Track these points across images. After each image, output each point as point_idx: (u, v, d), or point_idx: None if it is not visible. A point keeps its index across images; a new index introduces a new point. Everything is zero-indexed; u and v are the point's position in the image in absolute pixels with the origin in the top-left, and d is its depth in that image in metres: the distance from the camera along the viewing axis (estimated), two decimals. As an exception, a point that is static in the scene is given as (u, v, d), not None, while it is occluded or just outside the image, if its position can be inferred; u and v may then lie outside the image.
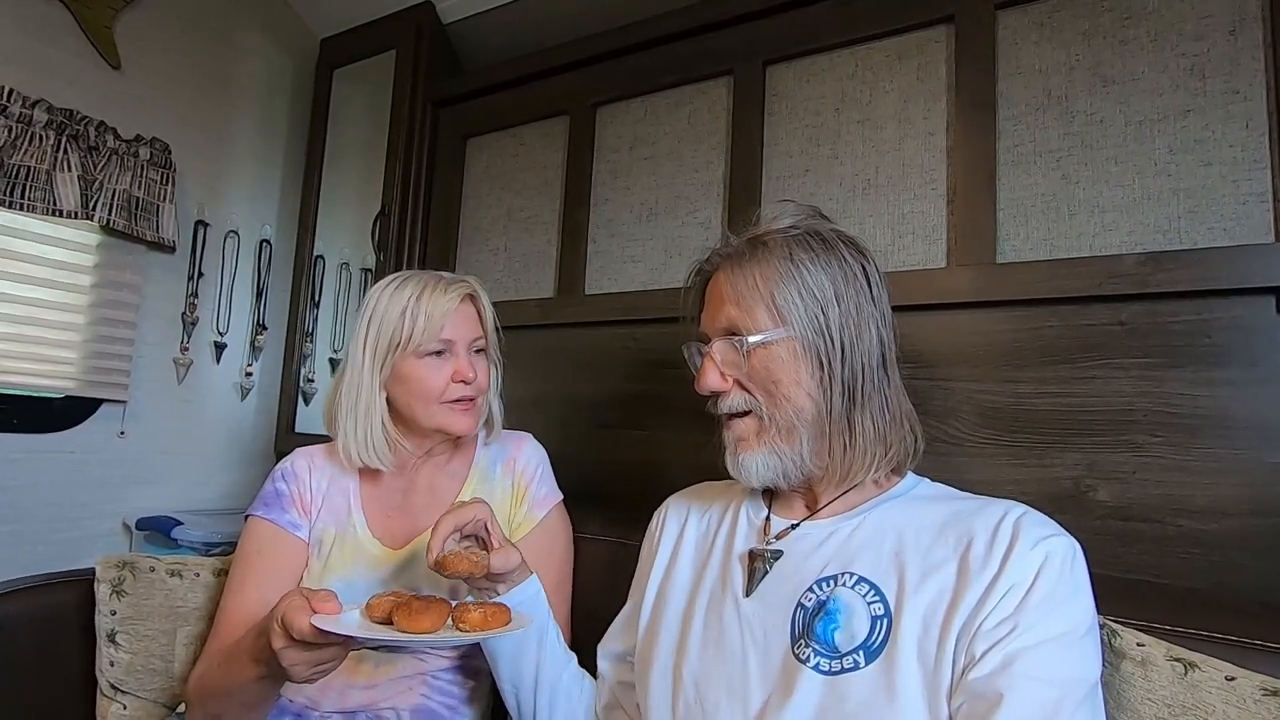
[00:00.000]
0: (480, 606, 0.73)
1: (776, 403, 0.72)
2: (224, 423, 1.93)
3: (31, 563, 1.33)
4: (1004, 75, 1.16)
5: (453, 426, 0.99)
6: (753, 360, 0.73)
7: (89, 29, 1.60)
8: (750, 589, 0.73)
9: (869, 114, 1.28)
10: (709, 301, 0.79)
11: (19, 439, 1.53)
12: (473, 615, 0.71)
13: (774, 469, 0.73)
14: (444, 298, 0.99)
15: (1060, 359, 1.04)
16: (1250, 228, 0.97)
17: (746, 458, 0.74)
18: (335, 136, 1.99)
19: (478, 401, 1.02)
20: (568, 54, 1.61)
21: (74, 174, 1.51)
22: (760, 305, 0.72)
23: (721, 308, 0.75)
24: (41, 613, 1.06)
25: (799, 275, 0.72)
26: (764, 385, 0.73)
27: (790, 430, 0.72)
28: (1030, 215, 1.11)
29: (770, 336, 0.72)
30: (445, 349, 0.99)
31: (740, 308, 0.73)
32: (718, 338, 0.76)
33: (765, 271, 0.73)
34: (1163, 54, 1.05)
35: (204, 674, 0.89)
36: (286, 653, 0.69)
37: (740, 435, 0.75)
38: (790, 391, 0.72)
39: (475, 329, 1.02)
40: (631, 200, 1.53)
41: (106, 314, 1.65)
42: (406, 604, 0.70)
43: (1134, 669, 0.67)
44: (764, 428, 0.73)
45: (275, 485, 1.03)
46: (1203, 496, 0.94)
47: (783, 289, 0.72)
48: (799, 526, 0.75)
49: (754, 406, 0.73)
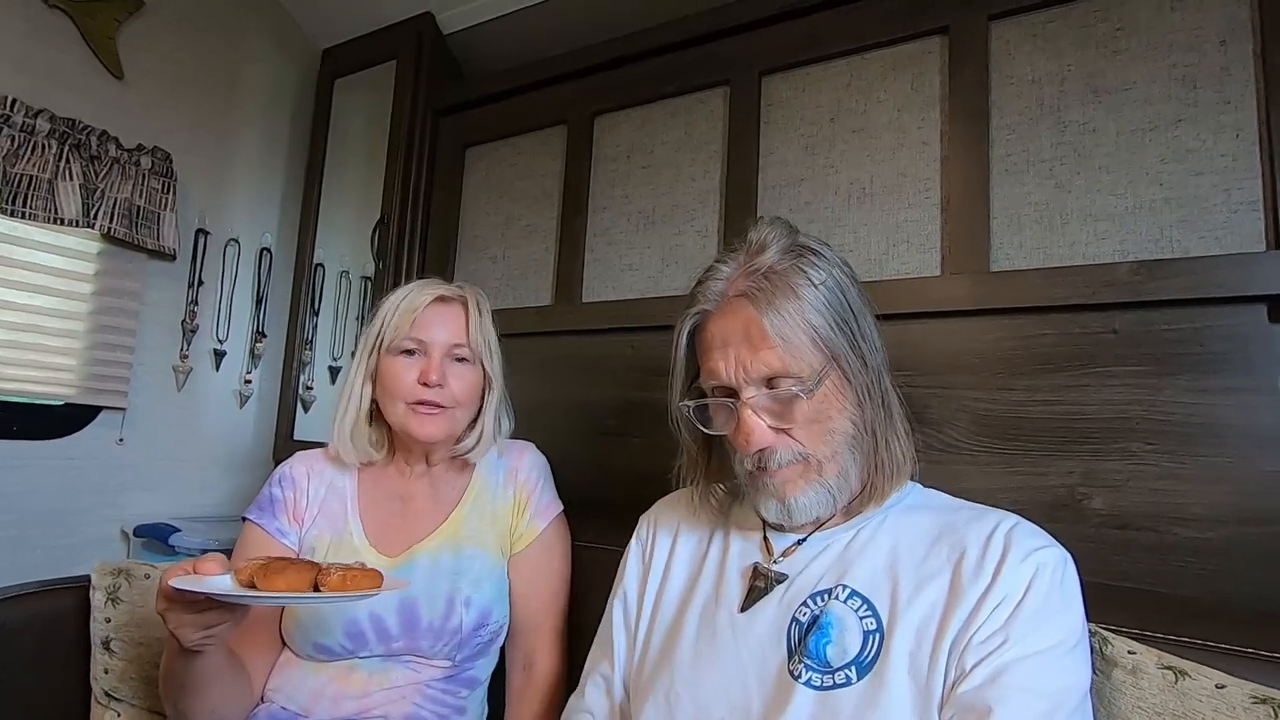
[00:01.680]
0: (343, 569, 0.73)
1: (822, 439, 0.69)
2: (223, 430, 1.93)
3: (30, 569, 1.33)
4: (997, 85, 1.16)
5: (413, 430, 0.98)
6: (809, 405, 0.68)
7: (92, 39, 1.61)
8: (746, 605, 0.72)
9: (864, 124, 1.28)
10: (721, 347, 0.71)
11: (18, 446, 1.54)
12: (332, 578, 0.71)
13: (824, 502, 0.70)
14: (421, 296, 1.00)
15: (1054, 367, 1.05)
16: (1242, 236, 0.97)
17: (797, 499, 0.70)
18: (336, 145, 2.00)
19: (451, 411, 1.00)
20: (566, 64, 1.63)
21: (76, 183, 1.52)
22: (807, 341, 0.67)
23: (757, 353, 0.68)
24: (37, 619, 1.06)
25: (822, 296, 0.68)
26: (810, 425, 0.69)
27: (835, 459, 0.70)
28: (1023, 224, 1.12)
29: (822, 374, 0.67)
30: (416, 348, 0.99)
31: (788, 351, 0.67)
32: (752, 386, 0.69)
33: (798, 305, 0.67)
34: (1154, 65, 1.05)
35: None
36: (168, 615, 0.71)
37: (784, 479, 0.70)
38: (836, 423, 0.69)
39: (454, 334, 1.01)
40: (629, 209, 1.53)
41: (107, 321, 1.66)
42: (265, 565, 0.71)
43: (1125, 677, 0.67)
44: (809, 467, 0.70)
45: (271, 490, 1.04)
46: (1197, 504, 0.94)
47: (820, 318, 0.67)
48: (805, 542, 0.74)
49: (801, 454, 0.69)
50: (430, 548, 1.00)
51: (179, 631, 0.72)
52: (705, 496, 0.83)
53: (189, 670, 0.80)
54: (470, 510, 1.05)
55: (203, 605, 0.71)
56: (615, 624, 0.84)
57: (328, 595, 0.71)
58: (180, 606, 0.71)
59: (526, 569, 1.04)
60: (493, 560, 1.02)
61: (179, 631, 0.72)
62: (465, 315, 1.03)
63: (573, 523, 1.13)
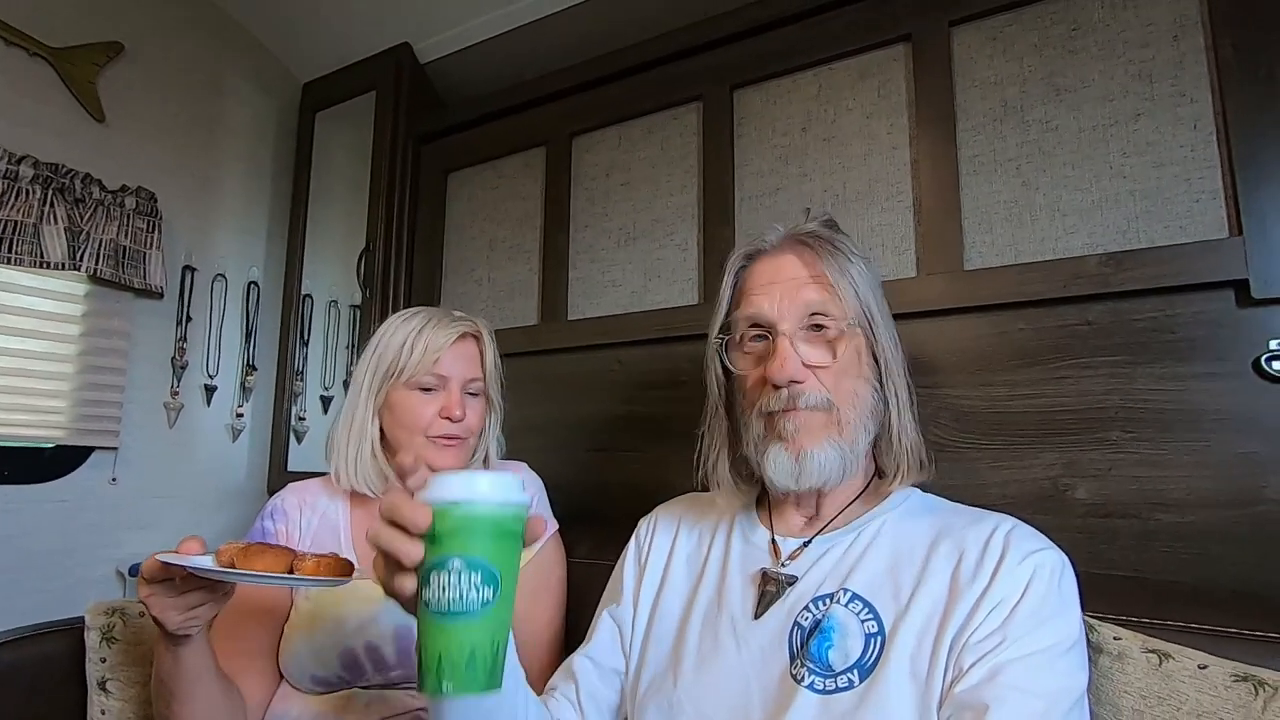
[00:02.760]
0: (318, 557, 0.74)
1: (848, 398, 0.71)
2: (216, 464, 1.93)
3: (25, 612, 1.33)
4: (961, 89, 1.19)
5: (434, 462, 1.00)
6: (840, 348, 0.71)
7: (73, 84, 1.64)
8: (760, 612, 0.72)
9: (834, 132, 1.31)
10: (766, 286, 0.74)
11: (10, 490, 1.54)
12: (306, 563, 0.73)
13: (836, 466, 0.70)
14: (443, 333, 1.00)
15: (1031, 361, 1.06)
16: (1205, 224, 0.99)
17: (813, 453, 0.69)
18: (319, 177, 2.02)
19: (467, 441, 1.03)
20: (543, 87, 1.66)
21: (61, 226, 1.53)
22: (850, 290, 0.71)
23: (799, 292, 0.72)
24: (32, 663, 1.06)
25: (859, 270, 0.73)
26: (840, 378, 0.71)
27: (855, 424, 0.71)
28: (994, 222, 1.14)
29: (856, 326, 0.71)
30: (437, 385, 1.00)
31: (830, 290, 0.71)
32: (790, 321, 0.72)
33: (843, 261, 0.72)
34: (1110, 62, 1.08)
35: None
36: (151, 600, 0.73)
37: (805, 426, 0.70)
38: (860, 387, 0.72)
39: (472, 369, 1.03)
40: (610, 226, 1.56)
41: (96, 362, 1.66)
42: (245, 548, 0.73)
43: (1111, 663, 0.68)
44: (830, 420, 0.71)
45: (263, 523, 1.04)
46: (1178, 489, 0.95)
47: (862, 281, 0.72)
48: (810, 545, 0.74)
49: (828, 400, 0.71)
50: None
51: (163, 616, 0.74)
52: (725, 478, 0.81)
53: (176, 669, 0.80)
54: None
55: (185, 586, 0.73)
56: (603, 628, 0.83)
57: (302, 578, 0.73)
58: (162, 590, 0.73)
59: (523, 590, 1.04)
60: None
61: (163, 616, 0.74)
62: (480, 350, 1.06)
63: (567, 540, 1.13)
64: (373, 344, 1.04)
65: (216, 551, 0.75)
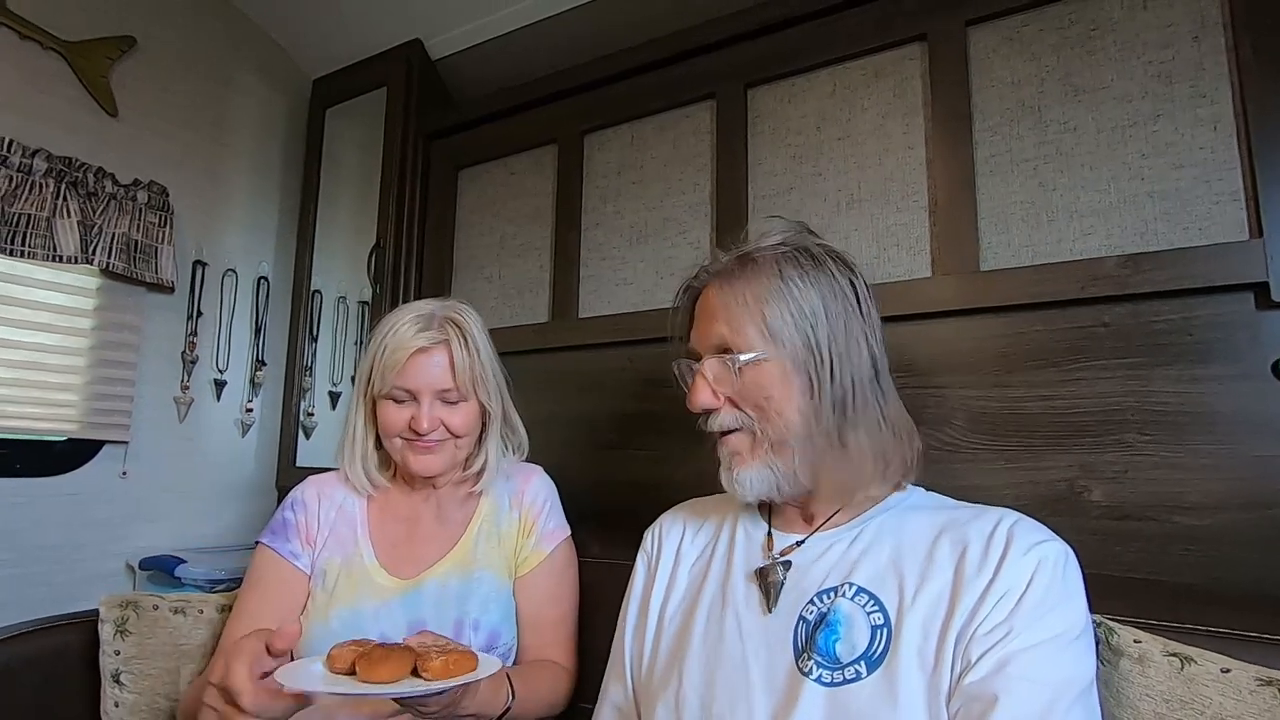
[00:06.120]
0: (443, 653, 0.71)
1: (768, 418, 0.73)
2: (225, 459, 1.94)
3: (35, 606, 1.33)
4: (978, 89, 1.19)
5: (410, 465, 1.01)
6: (744, 378, 0.73)
7: (86, 79, 1.64)
8: (771, 605, 0.72)
9: (849, 131, 1.31)
10: (699, 318, 0.79)
11: (21, 483, 1.54)
12: (434, 664, 0.69)
13: (768, 482, 0.73)
14: (403, 348, 0.98)
15: (1047, 362, 1.06)
16: (1225, 226, 0.99)
17: (742, 472, 0.74)
18: (329, 173, 2.03)
19: (447, 444, 1.02)
20: (554, 84, 1.65)
21: (73, 220, 1.53)
22: (751, 323, 0.73)
23: (712, 325, 0.75)
24: (46, 655, 1.06)
25: (789, 293, 0.72)
26: (755, 402, 0.73)
27: (782, 445, 0.72)
28: (1010, 223, 1.13)
29: (761, 355, 0.72)
30: (406, 397, 1.00)
31: (731, 326, 0.74)
32: (709, 355, 0.76)
33: (755, 290, 0.73)
34: (1129, 62, 1.08)
35: (186, 697, 0.88)
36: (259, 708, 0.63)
37: (734, 450, 0.75)
38: (781, 407, 0.72)
39: (440, 380, 1.00)
40: (621, 224, 1.55)
41: (107, 356, 1.66)
42: (369, 653, 0.67)
43: (1132, 666, 0.68)
44: (757, 443, 0.74)
45: (284, 514, 1.05)
46: (1194, 492, 0.95)
47: (773, 307, 0.72)
48: (803, 544, 0.75)
49: (745, 423, 0.74)
50: (440, 573, 1.00)
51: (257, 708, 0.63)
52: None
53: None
54: (479, 534, 1.05)
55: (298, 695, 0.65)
56: (626, 646, 0.85)
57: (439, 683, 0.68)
58: (267, 696, 0.64)
59: (534, 593, 1.04)
60: (500, 583, 1.03)
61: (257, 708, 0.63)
62: (450, 359, 1.01)
63: (577, 539, 1.13)
64: (367, 343, 1.05)
65: (329, 656, 0.70)
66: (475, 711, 0.83)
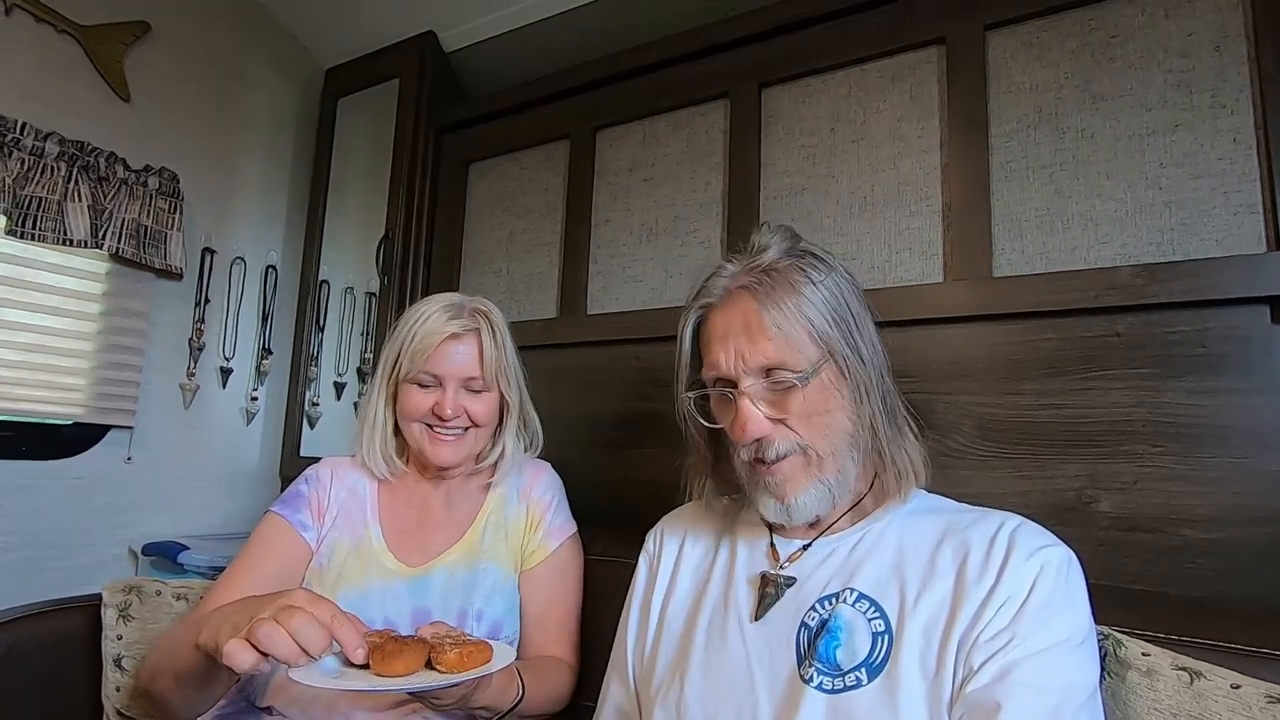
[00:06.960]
0: (457, 645, 0.71)
1: (821, 433, 0.70)
2: (230, 447, 1.94)
3: (40, 588, 1.34)
4: (995, 94, 1.18)
5: (428, 453, 1.02)
6: (805, 395, 0.69)
7: (100, 64, 1.64)
8: (760, 614, 0.72)
9: (864, 133, 1.30)
10: (716, 341, 0.73)
11: (27, 466, 1.54)
12: (449, 656, 0.69)
13: (824, 500, 0.71)
14: (435, 334, 1.00)
15: (1059, 370, 1.05)
16: (1242, 239, 0.98)
17: (797, 498, 0.71)
18: (340, 163, 2.02)
19: (466, 435, 1.03)
20: (567, 80, 1.65)
21: (84, 204, 1.53)
22: (804, 334, 0.69)
23: (755, 344, 0.70)
24: (49, 638, 1.06)
25: (823, 296, 0.70)
26: (809, 418, 0.70)
27: (834, 457, 0.70)
28: (1025, 229, 1.13)
29: (822, 363, 0.69)
30: (433, 383, 1.01)
31: (783, 342, 0.69)
32: (751, 377, 0.71)
33: (796, 299, 0.69)
34: (1149, 71, 1.07)
35: (157, 646, 0.87)
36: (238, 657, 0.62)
37: (787, 477, 0.71)
38: (835, 418, 0.70)
39: (468, 368, 1.02)
40: (631, 221, 1.55)
41: (115, 341, 1.67)
42: (383, 646, 0.67)
43: (1140, 679, 0.67)
44: (809, 462, 0.71)
45: (299, 486, 1.06)
46: (1204, 506, 0.94)
47: (818, 313, 0.69)
48: (810, 548, 0.75)
49: (799, 445, 0.70)
50: (448, 562, 1.01)
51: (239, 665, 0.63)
52: (712, 498, 0.83)
53: (208, 675, 0.78)
54: (487, 526, 1.06)
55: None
56: (628, 646, 0.84)
57: (454, 676, 0.68)
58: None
59: (539, 589, 1.05)
60: (505, 575, 1.03)
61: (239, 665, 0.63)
62: (479, 347, 1.03)
63: (583, 536, 1.13)
64: (392, 330, 1.06)
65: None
66: (487, 704, 0.84)
